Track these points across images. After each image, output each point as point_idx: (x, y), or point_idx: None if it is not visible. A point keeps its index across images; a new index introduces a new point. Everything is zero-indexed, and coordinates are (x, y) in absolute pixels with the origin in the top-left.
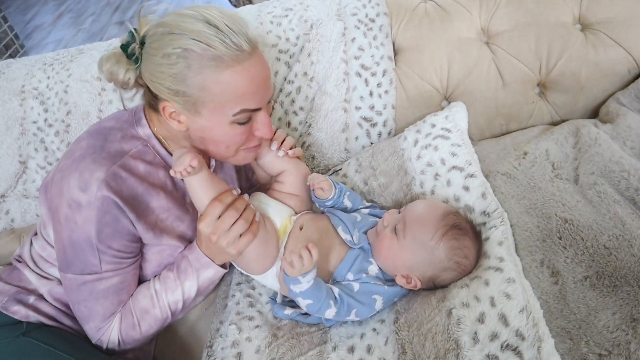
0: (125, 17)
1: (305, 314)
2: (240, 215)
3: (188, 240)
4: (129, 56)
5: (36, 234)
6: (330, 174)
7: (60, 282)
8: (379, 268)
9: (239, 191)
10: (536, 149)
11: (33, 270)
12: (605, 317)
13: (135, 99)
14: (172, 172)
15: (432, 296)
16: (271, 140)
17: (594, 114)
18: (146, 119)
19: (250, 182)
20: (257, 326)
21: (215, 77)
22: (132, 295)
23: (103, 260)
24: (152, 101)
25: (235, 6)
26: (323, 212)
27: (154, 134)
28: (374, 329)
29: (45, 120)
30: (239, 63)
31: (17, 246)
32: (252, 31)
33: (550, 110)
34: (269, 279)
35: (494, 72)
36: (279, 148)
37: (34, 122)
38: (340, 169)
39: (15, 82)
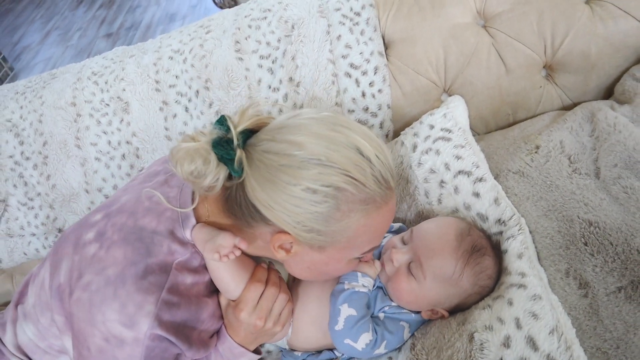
0: (112, 29)
1: (317, 352)
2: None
3: None
4: (233, 172)
5: (15, 318)
6: None
7: None
8: None
9: (267, 262)
10: (549, 141)
11: None
12: None
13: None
14: (216, 257)
15: (451, 319)
16: None
17: (608, 93)
18: (195, 216)
19: None
20: None
21: (362, 221)
22: None
23: None
24: (249, 218)
25: (221, 7)
26: None
27: None
28: (390, 358)
29: (22, 153)
30: (385, 203)
31: (9, 285)
32: (389, 153)
33: (560, 93)
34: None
35: (494, 59)
36: None
37: (11, 157)
38: None
39: None
